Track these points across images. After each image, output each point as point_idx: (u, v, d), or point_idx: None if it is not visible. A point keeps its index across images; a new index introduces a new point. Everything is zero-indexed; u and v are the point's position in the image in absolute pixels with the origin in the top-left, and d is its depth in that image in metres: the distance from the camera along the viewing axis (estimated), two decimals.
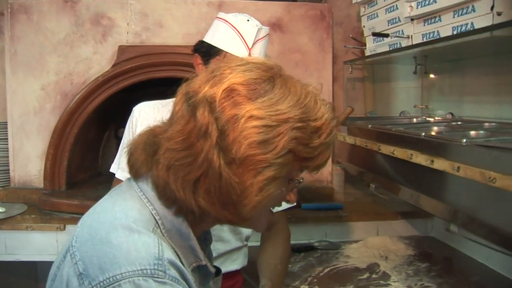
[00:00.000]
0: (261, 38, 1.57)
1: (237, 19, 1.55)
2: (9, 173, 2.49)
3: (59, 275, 0.80)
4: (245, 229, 1.70)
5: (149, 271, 0.73)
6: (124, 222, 0.79)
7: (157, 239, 0.78)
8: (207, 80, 0.81)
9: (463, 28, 1.51)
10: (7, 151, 2.49)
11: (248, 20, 1.56)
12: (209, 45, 1.55)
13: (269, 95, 0.79)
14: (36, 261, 2.28)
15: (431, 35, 1.71)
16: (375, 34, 1.89)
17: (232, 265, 1.72)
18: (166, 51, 2.46)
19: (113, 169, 1.72)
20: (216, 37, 1.57)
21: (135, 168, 0.88)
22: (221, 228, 1.63)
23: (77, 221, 2.33)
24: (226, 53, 1.52)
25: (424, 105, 2.36)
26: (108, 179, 2.83)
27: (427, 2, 1.66)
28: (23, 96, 2.44)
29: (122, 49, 2.43)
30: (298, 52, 2.55)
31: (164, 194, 0.83)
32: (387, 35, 1.85)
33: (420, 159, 1.55)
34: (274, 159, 0.78)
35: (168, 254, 0.77)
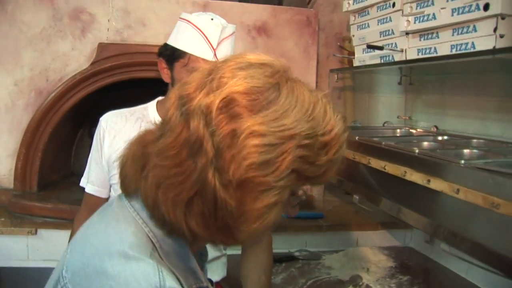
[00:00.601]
0: (227, 36, 1.52)
1: (200, 18, 1.50)
2: None
3: None
4: None
5: None
6: (119, 248, 0.72)
7: (157, 266, 0.71)
8: (203, 84, 0.72)
9: (463, 47, 1.50)
10: None
11: (212, 19, 1.51)
12: (173, 48, 1.50)
13: (273, 107, 0.70)
14: (3, 267, 2.16)
15: (427, 50, 1.70)
16: (370, 46, 1.87)
17: (211, 276, 1.67)
18: (147, 51, 2.37)
19: (82, 183, 1.66)
20: (179, 39, 1.50)
21: (125, 184, 0.80)
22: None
23: (50, 225, 2.25)
24: (190, 55, 1.46)
25: (407, 116, 2.36)
26: (80, 179, 2.74)
27: (426, 18, 1.64)
28: None
29: (102, 47, 2.33)
30: (283, 57, 2.46)
31: (154, 214, 0.76)
32: (381, 48, 1.83)
33: (415, 177, 1.54)
34: (275, 182, 0.70)
35: (169, 282, 0.70)
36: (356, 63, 2.15)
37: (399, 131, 2.30)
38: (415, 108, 2.36)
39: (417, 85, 2.31)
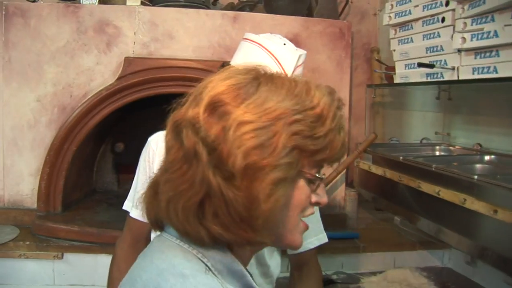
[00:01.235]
0: (300, 64, 1.42)
1: (273, 43, 1.39)
2: None
3: None
4: (275, 270, 1.57)
5: None
6: (173, 271, 0.70)
7: (216, 280, 0.71)
8: (191, 101, 0.76)
9: None
10: None
11: (284, 44, 1.41)
12: None
13: (254, 96, 0.73)
14: None
15: (485, 69, 1.61)
16: (421, 64, 1.78)
17: None
18: (175, 65, 2.28)
19: (126, 207, 1.53)
20: (249, 62, 1.40)
21: (151, 218, 0.82)
22: (253, 272, 1.50)
23: (77, 249, 2.16)
24: None
25: (445, 132, 2.28)
26: (104, 198, 2.65)
27: (486, 35, 1.55)
28: (16, 107, 2.21)
29: (128, 61, 2.23)
30: (315, 71, 2.42)
31: (178, 230, 0.76)
32: (432, 66, 1.74)
33: (477, 206, 1.46)
34: (277, 161, 0.70)
35: None
36: (397, 80, 2.06)
37: (438, 148, 2.22)
38: (454, 124, 2.28)
39: (457, 100, 2.23)
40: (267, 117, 0.71)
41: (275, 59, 1.35)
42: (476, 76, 1.64)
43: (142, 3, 2.31)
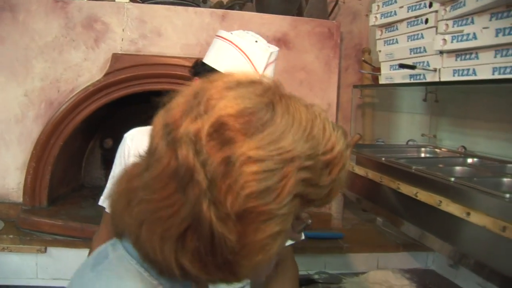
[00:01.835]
0: (272, 61, 1.42)
1: (244, 41, 1.39)
2: None
3: None
4: None
5: None
6: None
7: None
8: (189, 108, 0.65)
9: (507, 70, 1.41)
10: None
11: (256, 41, 1.40)
12: (212, 69, 1.37)
13: (269, 128, 0.63)
14: (11, 285, 2.08)
15: (465, 72, 1.61)
16: (402, 65, 1.78)
17: None
18: (163, 62, 2.28)
19: (102, 202, 1.53)
20: (220, 60, 1.39)
21: (115, 223, 0.73)
22: None
23: (60, 243, 2.17)
24: None
25: (432, 134, 2.27)
26: (91, 193, 2.66)
27: (465, 37, 1.55)
28: (4, 102, 2.22)
29: (116, 57, 2.24)
30: (303, 70, 2.42)
31: (140, 253, 0.68)
32: (413, 67, 1.74)
33: (452, 208, 1.45)
34: (278, 210, 0.62)
35: None
36: (382, 80, 2.06)
37: (423, 150, 2.22)
38: (440, 126, 2.27)
39: (443, 103, 2.22)
40: (280, 158, 0.62)
41: (246, 56, 1.35)
42: (456, 78, 1.63)
43: (131, 0, 2.31)
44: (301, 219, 0.72)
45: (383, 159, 1.90)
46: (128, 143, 1.47)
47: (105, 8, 2.24)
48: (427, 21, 1.77)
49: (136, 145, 1.46)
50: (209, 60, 1.42)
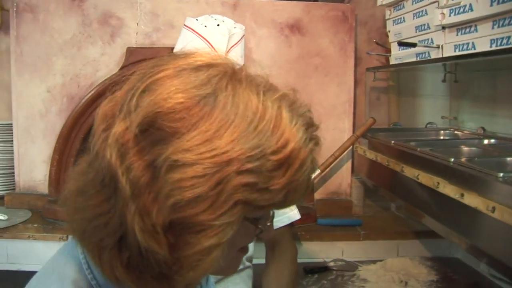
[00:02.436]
0: (235, 43, 1.42)
1: (205, 28, 1.40)
2: (14, 177, 2.40)
3: None
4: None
5: None
6: None
7: None
8: (124, 100, 0.60)
9: (504, 41, 1.33)
10: (13, 153, 2.39)
11: (218, 24, 1.41)
12: None
13: (203, 125, 0.55)
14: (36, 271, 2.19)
15: (465, 46, 1.53)
16: (401, 43, 1.72)
17: None
18: None
19: None
20: (184, 48, 1.42)
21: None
22: None
23: None
24: None
25: (452, 116, 2.17)
26: None
27: (462, 9, 1.47)
28: (28, 98, 2.34)
29: (130, 51, 2.30)
30: (317, 55, 2.39)
31: (85, 256, 0.65)
32: (414, 45, 1.68)
33: (448, 190, 1.39)
34: (212, 221, 0.55)
35: None
36: (392, 61, 2.00)
37: (442, 133, 2.13)
38: (461, 107, 2.17)
39: (463, 83, 2.12)
40: (212, 161, 0.54)
41: (207, 42, 1.37)
42: (457, 53, 1.56)
43: None
44: (261, 221, 0.65)
45: (393, 142, 1.85)
46: None
47: (119, 3, 2.31)
48: None
49: None
50: (176, 49, 1.45)
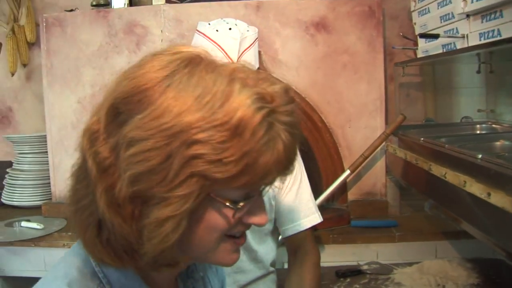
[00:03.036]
0: (248, 47, 1.39)
1: (216, 32, 1.38)
2: (50, 187, 2.47)
3: None
4: (266, 256, 1.54)
5: None
6: (58, 283, 0.66)
7: None
8: (112, 88, 0.67)
9: None
10: (48, 164, 2.46)
11: (230, 28, 1.39)
12: None
13: (155, 104, 0.59)
14: None
15: (490, 34, 1.44)
16: (422, 35, 1.64)
17: None
18: None
19: None
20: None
21: None
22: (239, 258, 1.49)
23: None
24: None
25: (489, 109, 2.06)
26: None
27: None
28: (60, 110, 2.40)
29: None
30: (345, 53, 2.32)
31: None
32: (436, 36, 1.60)
33: (474, 189, 1.30)
34: (167, 192, 0.58)
35: None
36: (419, 54, 1.91)
37: (479, 127, 2.02)
38: (499, 99, 2.05)
39: (500, 73, 2.00)
40: (162, 134, 0.58)
41: (218, 46, 1.35)
42: (482, 41, 1.47)
43: (167, 1, 2.37)
44: (233, 204, 0.64)
45: (422, 139, 1.77)
46: None
47: (143, 12, 2.33)
48: None
49: None
50: None
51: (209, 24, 1.43)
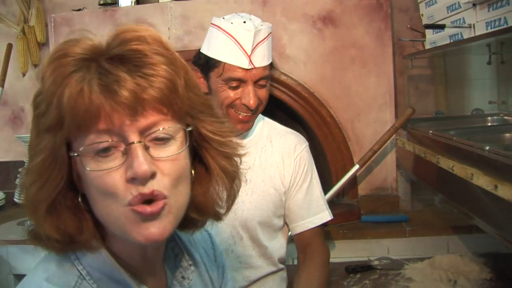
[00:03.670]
0: (262, 40, 1.39)
1: (231, 24, 1.38)
2: None
3: None
4: (276, 252, 1.53)
5: None
6: (37, 280, 0.67)
7: None
8: None
9: None
10: None
11: (244, 22, 1.38)
12: (206, 57, 1.40)
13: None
14: None
15: (497, 23, 1.41)
16: (427, 26, 1.61)
17: None
18: None
19: None
20: (212, 47, 1.41)
21: None
22: (249, 254, 1.49)
23: None
24: (224, 64, 1.36)
25: (500, 100, 2.02)
26: None
27: None
28: None
29: None
30: (353, 47, 2.30)
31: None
32: (442, 27, 1.57)
33: (482, 181, 1.27)
34: (34, 148, 0.66)
35: None
36: (427, 46, 1.88)
37: (490, 119, 1.98)
38: (510, 90, 2.01)
39: (511, 63, 1.96)
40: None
41: (233, 39, 1.36)
42: (489, 30, 1.44)
43: None
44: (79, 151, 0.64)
45: (430, 132, 1.74)
46: None
47: (149, 9, 2.34)
48: None
49: None
50: (204, 48, 1.45)
51: (224, 18, 1.43)
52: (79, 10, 2.42)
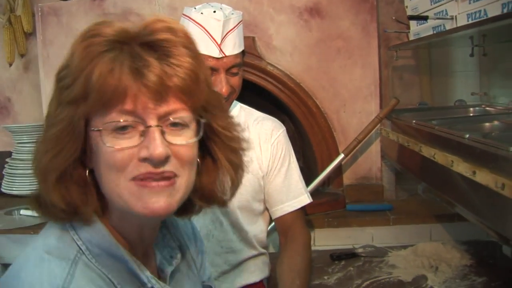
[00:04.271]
0: (231, 29, 1.41)
1: (201, 15, 1.41)
2: None
3: None
4: (256, 236, 1.57)
5: None
6: (37, 252, 0.69)
7: (69, 269, 0.67)
8: None
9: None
10: None
11: (214, 11, 1.41)
12: None
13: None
14: None
15: (477, 14, 1.45)
16: (411, 17, 1.65)
17: (250, 277, 1.58)
18: None
19: None
20: None
21: None
22: (229, 238, 1.52)
23: None
24: None
25: (483, 92, 2.06)
26: None
27: None
28: None
29: None
30: (339, 38, 2.32)
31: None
32: (425, 18, 1.60)
33: (461, 168, 1.31)
34: (53, 118, 0.70)
35: (79, 284, 0.66)
36: (411, 37, 1.92)
37: (472, 110, 2.03)
38: (492, 82, 2.06)
39: (493, 56, 2.01)
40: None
41: (203, 29, 1.37)
42: (470, 22, 1.47)
43: None
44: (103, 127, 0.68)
45: (414, 122, 1.78)
46: None
47: (137, 0, 2.34)
48: None
49: None
50: None
51: (195, 8, 1.45)
52: None
